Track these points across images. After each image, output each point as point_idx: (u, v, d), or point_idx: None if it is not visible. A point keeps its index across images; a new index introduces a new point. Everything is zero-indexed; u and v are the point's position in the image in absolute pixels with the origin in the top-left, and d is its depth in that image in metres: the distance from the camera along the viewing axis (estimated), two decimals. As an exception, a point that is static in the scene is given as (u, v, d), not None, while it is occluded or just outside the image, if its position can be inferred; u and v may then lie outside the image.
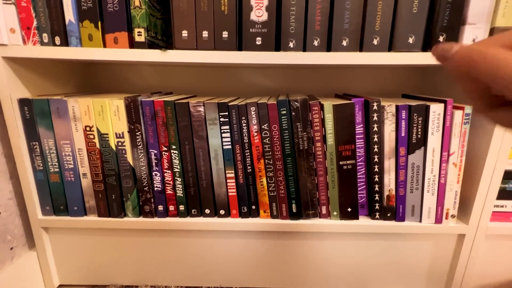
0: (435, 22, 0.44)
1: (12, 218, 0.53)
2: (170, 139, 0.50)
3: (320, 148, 0.50)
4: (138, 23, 0.45)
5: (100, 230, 0.56)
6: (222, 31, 0.45)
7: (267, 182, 0.52)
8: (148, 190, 0.52)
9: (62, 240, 0.56)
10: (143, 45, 0.46)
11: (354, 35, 0.44)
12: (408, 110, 0.49)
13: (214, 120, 0.49)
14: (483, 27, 0.43)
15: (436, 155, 0.50)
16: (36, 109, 0.49)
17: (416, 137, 0.49)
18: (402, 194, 0.52)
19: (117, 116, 0.49)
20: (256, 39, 0.45)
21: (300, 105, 0.48)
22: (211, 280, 0.59)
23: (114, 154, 0.51)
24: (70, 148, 0.50)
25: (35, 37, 0.46)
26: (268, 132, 0.50)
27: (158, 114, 0.49)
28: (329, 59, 0.45)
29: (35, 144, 0.50)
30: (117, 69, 0.72)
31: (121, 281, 0.59)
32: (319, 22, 0.44)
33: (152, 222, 0.53)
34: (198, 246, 0.57)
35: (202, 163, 0.51)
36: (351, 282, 0.59)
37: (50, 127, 0.50)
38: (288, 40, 0.45)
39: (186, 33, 0.45)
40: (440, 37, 0.44)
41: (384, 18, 0.44)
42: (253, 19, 0.44)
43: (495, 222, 0.54)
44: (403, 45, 0.45)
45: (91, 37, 0.46)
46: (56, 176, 0.52)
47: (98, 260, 0.58)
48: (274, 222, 0.53)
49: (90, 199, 0.53)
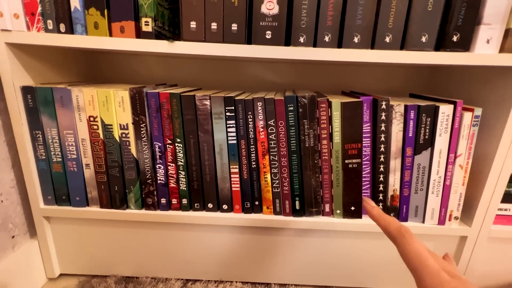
0: (450, 21, 0.43)
1: (14, 207, 0.52)
2: (174, 132, 0.50)
3: (326, 146, 0.50)
4: (146, 12, 0.44)
5: (102, 221, 0.55)
6: (232, 23, 0.44)
7: (271, 178, 0.51)
8: (151, 183, 0.52)
9: (63, 229, 0.56)
10: (150, 35, 0.45)
11: (366, 31, 0.44)
12: (417, 110, 0.48)
13: (220, 114, 0.49)
14: (498, 28, 0.43)
15: (442, 157, 0.49)
16: (39, 97, 0.48)
17: (423, 137, 0.49)
18: (407, 195, 0.52)
19: (121, 107, 0.48)
20: (266, 32, 0.44)
21: (308, 102, 0.47)
22: (212, 274, 0.59)
23: (118, 146, 0.50)
24: (73, 138, 0.50)
25: (39, 23, 0.45)
26: (274, 128, 0.49)
27: (163, 106, 0.49)
28: (340, 55, 0.44)
29: (38, 133, 0.50)
30: (122, 59, 0.71)
31: (121, 272, 0.59)
32: (331, 17, 0.43)
33: (154, 215, 0.53)
34: (199, 240, 0.57)
35: (206, 157, 0.51)
36: (352, 279, 0.59)
37: (54, 116, 0.49)
38: (298, 34, 0.44)
39: (195, 24, 0.44)
40: (454, 37, 0.43)
41: (397, 16, 0.43)
42: (264, 12, 0.43)
43: (498, 225, 0.54)
44: (416, 43, 0.44)
45: (97, 25, 0.45)
46: (59, 166, 0.51)
47: (99, 251, 0.58)
48: (277, 218, 0.53)
49: (93, 190, 0.52)
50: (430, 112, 0.48)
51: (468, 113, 0.47)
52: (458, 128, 0.48)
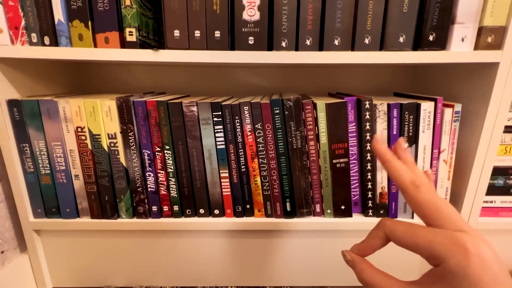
0: (425, 21, 0.44)
1: (3, 221, 0.52)
2: (163, 139, 0.50)
3: (313, 146, 0.51)
4: (129, 22, 0.45)
5: (94, 231, 0.55)
6: (215, 31, 0.45)
7: (261, 181, 0.52)
8: (141, 191, 0.52)
9: (54, 242, 0.56)
10: (134, 45, 0.45)
11: (346, 34, 0.45)
12: (399, 108, 0.49)
13: (207, 120, 0.49)
14: (471, 26, 0.44)
15: (427, 153, 0.51)
16: (25, 110, 0.48)
17: (407, 135, 0.50)
18: (395, 191, 0.53)
19: (109, 117, 0.48)
20: (248, 38, 0.45)
21: (293, 104, 0.48)
22: (206, 280, 0.59)
23: (107, 155, 0.50)
24: (62, 150, 0.50)
25: (23, 37, 0.46)
26: (261, 131, 0.50)
27: (150, 114, 0.49)
28: (322, 58, 0.45)
29: (25, 146, 0.49)
30: (109, 69, 0.71)
31: (115, 282, 0.59)
32: (311, 21, 0.44)
33: (146, 223, 0.53)
34: (193, 246, 0.57)
35: (196, 163, 0.51)
36: (345, 278, 0.59)
37: (41, 128, 0.49)
38: (280, 39, 0.45)
39: (178, 32, 0.45)
40: (430, 36, 0.45)
41: (375, 18, 0.44)
42: (245, 19, 0.44)
43: (484, 218, 0.56)
44: (394, 44, 0.45)
45: (81, 37, 0.45)
46: (48, 178, 0.51)
47: (91, 262, 0.57)
48: (269, 220, 0.53)
49: (83, 200, 0.52)
50: (412, 109, 0.49)
51: (448, 109, 0.49)
52: (440, 124, 0.49)
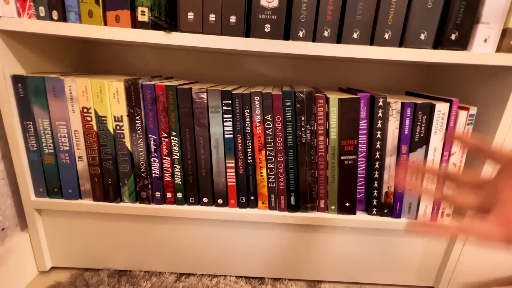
0: (449, 19, 0.43)
1: (4, 199, 0.51)
2: (170, 125, 0.49)
3: (322, 142, 0.50)
4: (142, 1, 0.43)
5: (95, 214, 0.55)
6: (230, 15, 0.43)
7: (267, 173, 0.51)
8: (145, 176, 0.51)
9: (55, 222, 0.55)
10: (146, 26, 0.44)
11: (365, 28, 0.43)
12: (413, 108, 0.48)
13: (216, 108, 0.48)
14: (496, 27, 0.43)
15: (437, 155, 0.50)
16: (30, 87, 0.47)
17: (419, 135, 0.49)
18: (400, 192, 0.52)
19: (116, 99, 0.47)
20: (265, 26, 0.43)
21: (305, 97, 0.47)
22: (205, 268, 0.59)
23: (112, 138, 0.49)
24: (66, 130, 0.49)
25: (31, 9, 0.44)
26: (271, 123, 0.49)
27: (159, 98, 0.48)
28: (339, 51, 0.44)
29: (29, 124, 0.48)
30: (117, 49, 0.69)
31: (114, 265, 0.59)
32: (331, 12, 0.42)
33: (148, 209, 0.52)
34: (194, 234, 0.56)
35: (202, 151, 0.50)
36: (344, 274, 0.60)
37: (45, 106, 0.48)
38: (298, 29, 0.43)
39: (192, 15, 0.43)
40: (452, 35, 0.43)
41: (397, 12, 0.42)
42: (263, 5, 0.42)
43: (488, 223, 0.55)
44: (415, 41, 0.44)
45: (91, 14, 0.44)
46: (51, 158, 0.50)
47: (91, 244, 0.57)
48: (272, 213, 0.53)
49: (86, 182, 0.52)
50: (426, 110, 0.48)
51: (463, 112, 0.48)
52: (453, 126, 0.48)
